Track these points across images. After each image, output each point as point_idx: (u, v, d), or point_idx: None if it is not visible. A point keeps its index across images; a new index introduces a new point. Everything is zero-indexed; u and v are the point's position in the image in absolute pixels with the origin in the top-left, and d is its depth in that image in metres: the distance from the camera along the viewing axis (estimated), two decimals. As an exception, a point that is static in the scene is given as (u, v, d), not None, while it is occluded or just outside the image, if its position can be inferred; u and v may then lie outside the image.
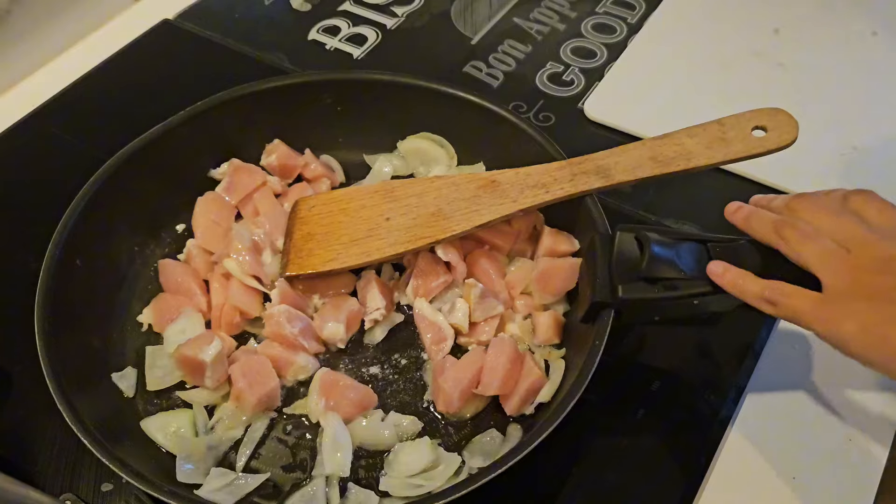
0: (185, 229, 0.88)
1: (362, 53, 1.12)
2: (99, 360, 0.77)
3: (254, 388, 0.74)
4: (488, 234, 0.82)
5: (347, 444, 0.72)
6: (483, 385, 0.74)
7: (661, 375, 0.79)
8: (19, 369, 0.79)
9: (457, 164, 0.92)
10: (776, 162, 0.78)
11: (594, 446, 0.75)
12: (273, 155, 0.91)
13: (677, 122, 0.79)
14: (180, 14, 1.18)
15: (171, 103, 0.89)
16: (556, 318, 0.79)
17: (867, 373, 0.79)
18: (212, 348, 0.74)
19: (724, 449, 0.75)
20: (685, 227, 0.90)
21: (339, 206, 0.84)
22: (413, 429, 0.74)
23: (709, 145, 0.76)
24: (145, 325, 0.81)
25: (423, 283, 0.80)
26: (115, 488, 0.72)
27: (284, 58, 1.11)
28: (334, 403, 0.74)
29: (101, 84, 1.08)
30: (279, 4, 1.19)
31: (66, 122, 1.02)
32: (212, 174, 0.91)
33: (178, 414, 0.75)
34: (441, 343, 0.78)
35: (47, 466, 0.73)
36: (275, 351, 0.77)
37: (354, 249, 0.80)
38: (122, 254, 0.85)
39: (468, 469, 0.71)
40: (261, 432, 0.74)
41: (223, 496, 0.69)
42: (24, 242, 0.88)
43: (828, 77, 1.05)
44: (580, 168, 0.78)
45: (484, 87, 1.07)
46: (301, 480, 0.72)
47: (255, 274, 0.81)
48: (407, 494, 0.69)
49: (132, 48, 1.12)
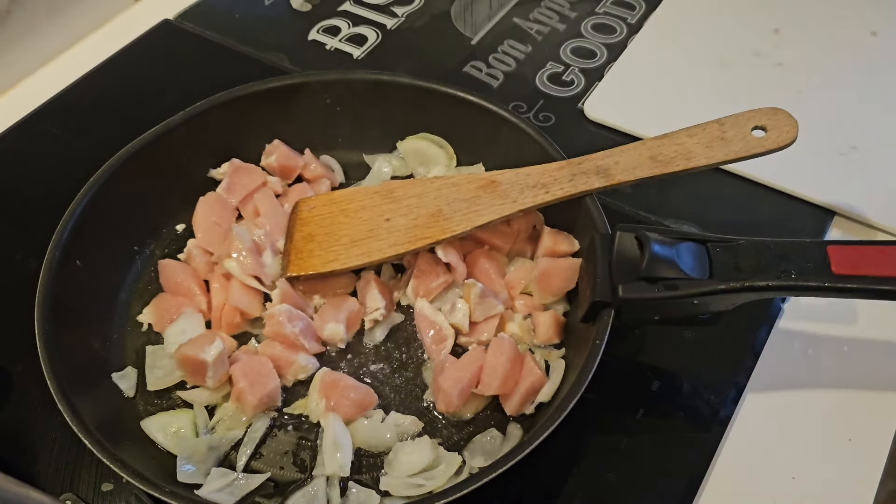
0: (185, 229, 0.89)
1: (362, 53, 1.12)
2: (99, 360, 0.78)
3: (255, 389, 0.74)
4: (488, 235, 0.82)
5: (348, 444, 0.72)
6: (483, 385, 0.74)
7: (661, 375, 0.79)
8: (19, 369, 0.79)
9: (456, 164, 0.92)
10: (776, 162, 0.78)
11: (594, 446, 0.75)
12: (273, 155, 0.91)
13: (677, 122, 0.79)
14: (180, 14, 1.18)
15: (171, 103, 0.89)
16: (556, 318, 0.79)
17: (867, 373, 0.79)
18: (213, 348, 0.74)
19: (724, 449, 0.75)
20: (685, 227, 0.90)
21: (340, 207, 0.84)
22: (413, 429, 0.74)
23: (708, 145, 0.76)
24: (145, 325, 0.81)
25: (423, 284, 0.81)
26: (116, 488, 0.72)
27: (284, 58, 1.11)
28: (335, 403, 0.74)
29: (101, 84, 1.08)
30: (279, 4, 1.19)
31: (66, 122, 1.02)
32: (212, 174, 0.91)
33: (178, 414, 0.75)
34: (441, 343, 0.78)
35: (47, 466, 0.73)
36: (275, 350, 0.77)
37: (355, 250, 0.80)
38: (122, 254, 0.85)
39: (469, 469, 0.71)
40: (261, 432, 0.74)
41: (224, 496, 0.69)
42: (24, 242, 0.88)
43: (828, 77, 1.05)
44: (580, 168, 0.78)
45: (484, 88, 1.07)
46: (302, 480, 0.72)
47: (255, 274, 0.81)
48: (407, 494, 0.69)
49: (132, 48, 1.12)
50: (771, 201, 0.93)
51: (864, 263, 0.68)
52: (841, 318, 0.83)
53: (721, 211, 0.93)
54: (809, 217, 0.91)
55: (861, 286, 0.68)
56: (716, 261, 0.69)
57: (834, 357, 0.81)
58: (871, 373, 0.79)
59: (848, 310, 0.84)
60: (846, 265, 0.68)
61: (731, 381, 0.79)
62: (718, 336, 0.82)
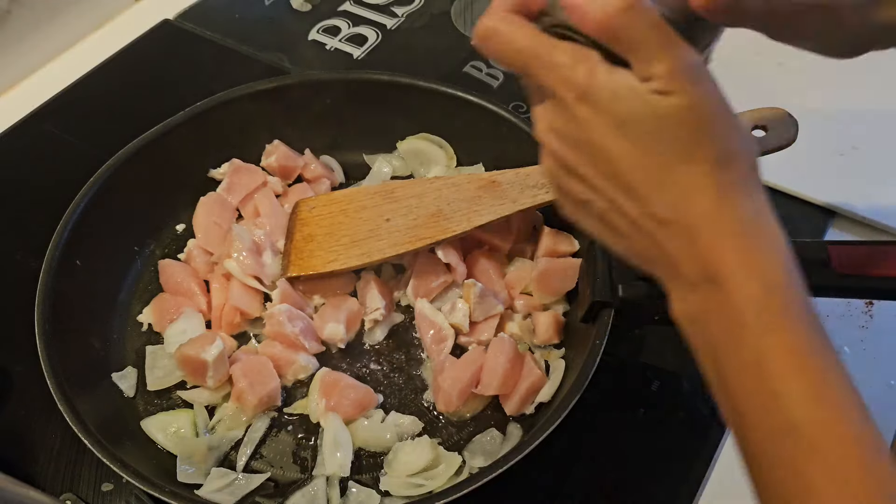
0: (185, 229, 0.88)
1: (362, 53, 1.12)
2: (99, 360, 0.77)
3: (255, 388, 0.74)
4: (488, 235, 0.82)
5: (348, 444, 0.72)
6: (483, 385, 0.74)
7: (661, 375, 0.79)
8: (19, 369, 0.79)
9: (456, 164, 0.92)
10: (776, 161, 0.78)
11: (594, 446, 0.75)
12: (273, 156, 0.91)
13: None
14: (180, 14, 1.18)
15: (171, 103, 0.89)
16: (556, 318, 0.79)
17: (867, 373, 0.79)
18: (214, 348, 0.74)
19: (725, 449, 0.75)
20: (685, 227, 0.90)
21: (340, 207, 0.84)
22: (413, 429, 0.74)
23: (709, 145, 0.76)
24: (145, 325, 0.81)
25: (423, 284, 0.81)
26: (116, 488, 0.72)
27: (284, 58, 1.11)
28: (335, 404, 0.74)
29: (101, 84, 1.07)
30: (279, 4, 1.19)
31: (66, 122, 1.02)
32: (212, 174, 0.91)
33: (178, 414, 0.75)
34: (441, 343, 0.78)
35: (47, 466, 0.73)
36: (275, 350, 0.77)
37: (355, 250, 0.80)
38: (121, 254, 0.85)
39: (469, 469, 0.71)
40: (261, 432, 0.74)
41: (224, 496, 0.69)
42: (24, 242, 0.88)
43: (828, 77, 1.05)
44: (580, 168, 0.78)
45: (484, 87, 1.07)
46: (302, 480, 0.72)
47: (255, 274, 0.81)
48: (407, 494, 0.69)
49: (132, 48, 1.12)
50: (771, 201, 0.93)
51: (864, 263, 0.68)
52: (841, 319, 0.83)
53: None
54: (810, 217, 0.91)
55: (861, 286, 0.68)
56: (716, 261, 0.69)
57: (834, 357, 0.81)
58: (871, 373, 0.79)
59: (848, 310, 0.84)
60: (847, 265, 0.68)
61: (732, 381, 0.79)
62: (718, 336, 0.82)
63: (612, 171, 0.49)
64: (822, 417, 0.43)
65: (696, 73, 0.46)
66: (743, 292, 0.46)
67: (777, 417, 0.44)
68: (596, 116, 0.48)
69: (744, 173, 0.48)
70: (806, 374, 0.44)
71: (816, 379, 0.44)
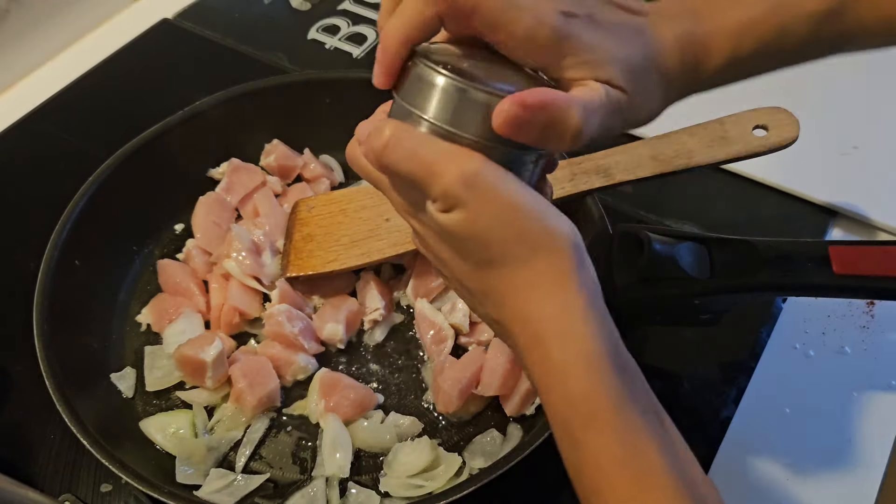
0: (185, 229, 0.88)
1: (362, 53, 1.12)
2: (98, 360, 0.77)
3: (254, 389, 0.74)
4: (488, 234, 0.82)
5: (347, 445, 0.72)
6: (483, 385, 0.73)
7: (661, 375, 0.79)
8: (19, 369, 0.79)
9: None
10: (777, 161, 0.78)
11: (594, 447, 0.75)
12: (272, 155, 0.91)
13: (678, 122, 0.78)
14: (180, 13, 1.18)
15: (170, 103, 0.88)
16: (556, 318, 0.78)
17: (867, 374, 0.79)
18: (213, 348, 0.73)
19: (725, 449, 0.75)
20: (686, 227, 0.90)
21: (339, 206, 0.84)
22: (413, 429, 0.74)
23: (710, 144, 0.76)
24: (144, 325, 0.81)
25: (423, 284, 0.80)
26: (115, 489, 0.72)
27: (284, 57, 1.11)
28: (334, 404, 0.74)
29: (100, 83, 1.07)
30: (279, 4, 1.19)
31: (65, 122, 1.02)
32: (211, 174, 0.91)
33: (177, 414, 0.75)
34: (442, 343, 0.78)
35: (46, 467, 0.73)
36: (274, 351, 0.77)
37: (354, 250, 0.80)
38: (120, 254, 0.85)
39: (469, 469, 0.71)
40: (261, 433, 0.74)
41: (223, 497, 0.69)
42: (23, 242, 0.87)
43: (828, 77, 1.05)
44: (580, 168, 0.78)
45: (484, 87, 1.06)
46: (301, 481, 0.72)
47: (254, 274, 0.81)
48: (407, 495, 0.69)
49: (131, 48, 1.12)
50: (772, 201, 0.93)
51: (865, 263, 0.68)
52: (842, 319, 0.83)
53: (722, 210, 0.93)
54: (810, 217, 0.91)
55: (862, 286, 0.68)
56: (717, 260, 0.69)
57: (835, 358, 0.80)
58: (872, 373, 0.79)
59: (849, 310, 0.83)
60: (848, 265, 0.68)
61: (732, 381, 0.78)
62: (718, 336, 0.82)
63: (447, 270, 0.52)
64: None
65: (470, 182, 0.45)
66: (550, 399, 0.48)
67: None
68: (427, 227, 0.51)
69: (541, 270, 0.47)
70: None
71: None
